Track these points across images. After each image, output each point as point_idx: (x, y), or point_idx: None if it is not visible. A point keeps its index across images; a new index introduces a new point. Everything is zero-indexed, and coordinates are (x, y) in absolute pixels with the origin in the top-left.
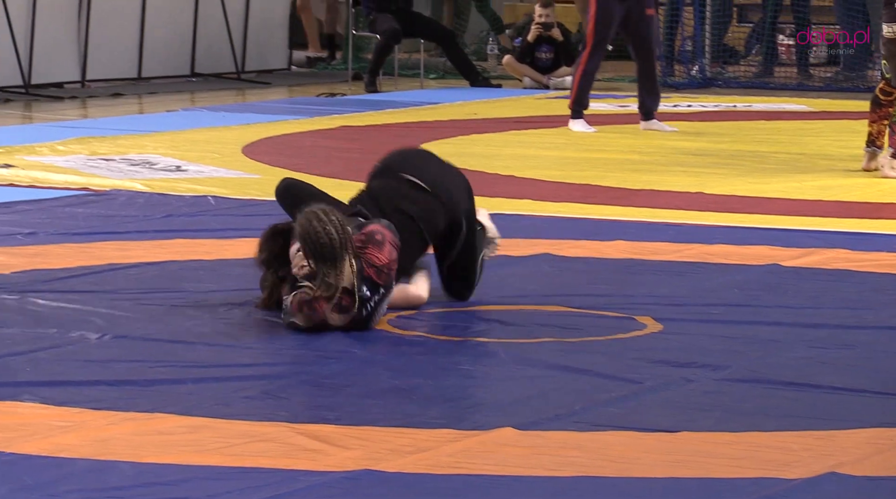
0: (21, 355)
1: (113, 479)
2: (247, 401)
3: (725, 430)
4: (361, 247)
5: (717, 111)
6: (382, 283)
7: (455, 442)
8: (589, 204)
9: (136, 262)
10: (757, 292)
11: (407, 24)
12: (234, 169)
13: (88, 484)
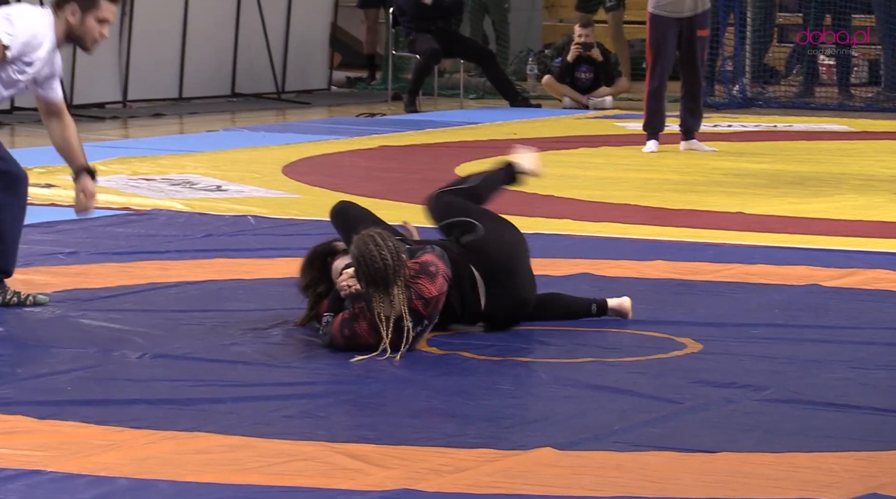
0: (62, 374)
1: (152, 498)
2: (286, 420)
3: (765, 450)
4: (414, 276)
5: (758, 131)
6: (427, 315)
7: (494, 462)
8: (628, 224)
9: (177, 281)
10: (797, 313)
11: (447, 44)
12: (273, 189)
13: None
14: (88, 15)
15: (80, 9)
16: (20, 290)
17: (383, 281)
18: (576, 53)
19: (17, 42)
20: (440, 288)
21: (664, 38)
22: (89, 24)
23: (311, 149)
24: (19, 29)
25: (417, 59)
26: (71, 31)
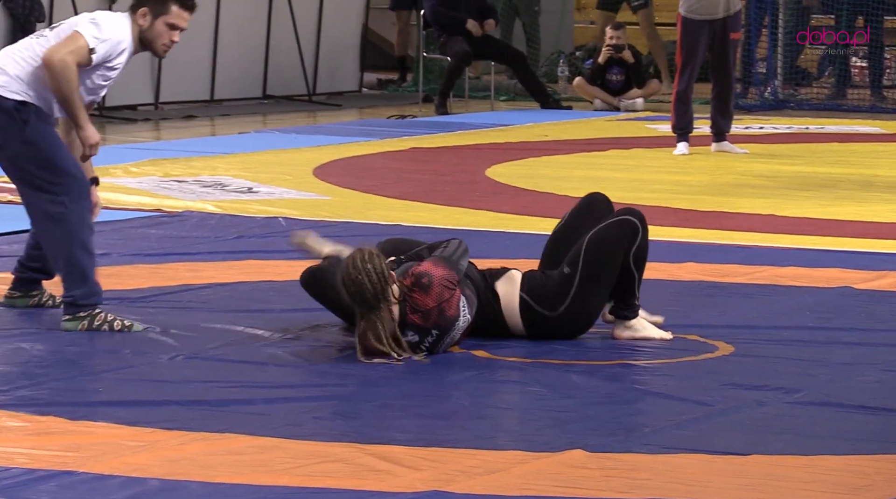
0: (94, 375)
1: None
2: (317, 422)
3: (797, 453)
4: (409, 290)
5: (789, 133)
6: (431, 325)
7: (525, 464)
8: (660, 226)
9: (208, 283)
10: (829, 315)
11: (478, 46)
12: (304, 191)
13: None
14: (158, 20)
15: (151, 13)
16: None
17: (373, 301)
18: (607, 55)
19: (104, 47)
20: (437, 297)
21: (696, 41)
22: (158, 29)
23: (341, 151)
24: (106, 33)
25: (448, 61)
26: (142, 35)
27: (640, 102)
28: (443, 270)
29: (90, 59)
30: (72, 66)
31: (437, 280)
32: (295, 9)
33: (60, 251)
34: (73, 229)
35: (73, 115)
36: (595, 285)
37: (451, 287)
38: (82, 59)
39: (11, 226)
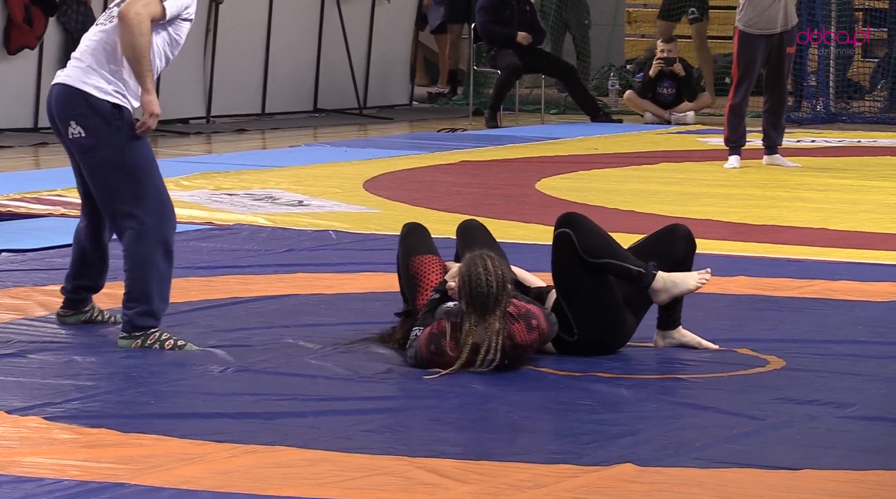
0: (145, 388)
1: None
2: (366, 434)
3: (849, 468)
4: (514, 317)
5: (842, 147)
6: (509, 357)
7: (575, 478)
8: (710, 239)
9: (259, 295)
10: (881, 329)
11: (528, 59)
12: (355, 204)
13: None
14: None
15: None
16: (108, 305)
17: (482, 306)
18: (658, 68)
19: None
20: (532, 342)
21: (753, 56)
22: None
23: (392, 164)
24: None
25: (499, 75)
26: None
27: (690, 116)
28: (547, 327)
29: (163, 10)
30: (146, 21)
31: (541, 329)
32: (346, 22)
33: (127, 265)
34: (147, 248)
35: (141, 76)
36: (584, 302)
37: (543, 342)
38: (156, 12)
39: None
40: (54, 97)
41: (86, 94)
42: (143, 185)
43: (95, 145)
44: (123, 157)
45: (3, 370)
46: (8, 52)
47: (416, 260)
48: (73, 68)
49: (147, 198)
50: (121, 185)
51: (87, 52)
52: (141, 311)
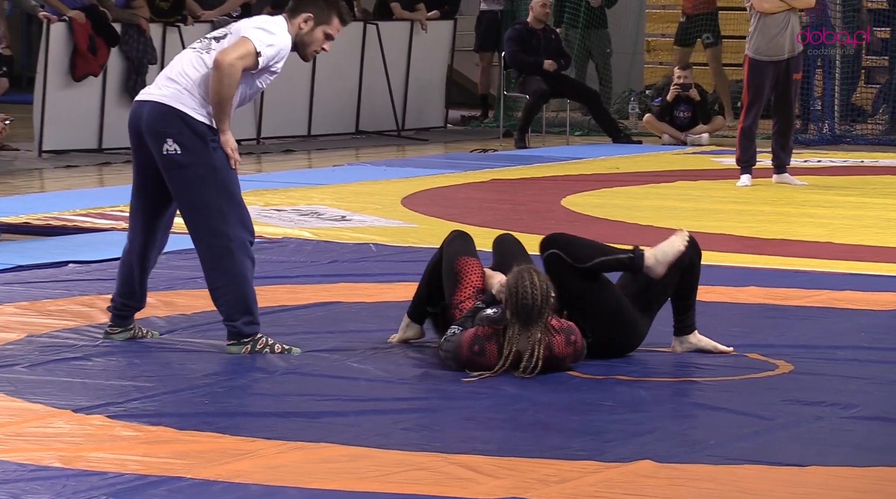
0: (201, 389)
1: None
2: (404, 433)
3: (853, 464)
4: (555, 330)
5: (846, 166)
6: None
7: (597, 473)
8: (723, 252)
9: (305, 303)
10: (882, 336)
11: (554, 85)
12: (393, 219)
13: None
14: (319, 28)
15: (314, 20)
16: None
17: (526, 317)
18: (675, 93)
19: (270, 51)
20: (567, 355)
21: (762, 81)
22: (317, 36)
23: (428, 182)
24: (273, 39)
25: (527, 99)
26: (298, 38)
27: (705, 137)
28: (581, 344)
29: (256, 63)
30: (238, 72)
31: (578, 346)
32: (386, 51)
33: (222, 281)
34: (237, 263)
35: (220, 119)
36: (592, 308)
37: (577, 358)
38: (249, 63)
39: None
40: (146, 113)
41: (183, 114)
42: (230, 202)
43: (191, 163)
44: (215, 175)
45: (70, 372)
46: (74, 79)
47: (461, 260)
48: (167, 88)
49: (233, 214)
50: (210, 201)
51: (182, 75)
52: (246, 321)
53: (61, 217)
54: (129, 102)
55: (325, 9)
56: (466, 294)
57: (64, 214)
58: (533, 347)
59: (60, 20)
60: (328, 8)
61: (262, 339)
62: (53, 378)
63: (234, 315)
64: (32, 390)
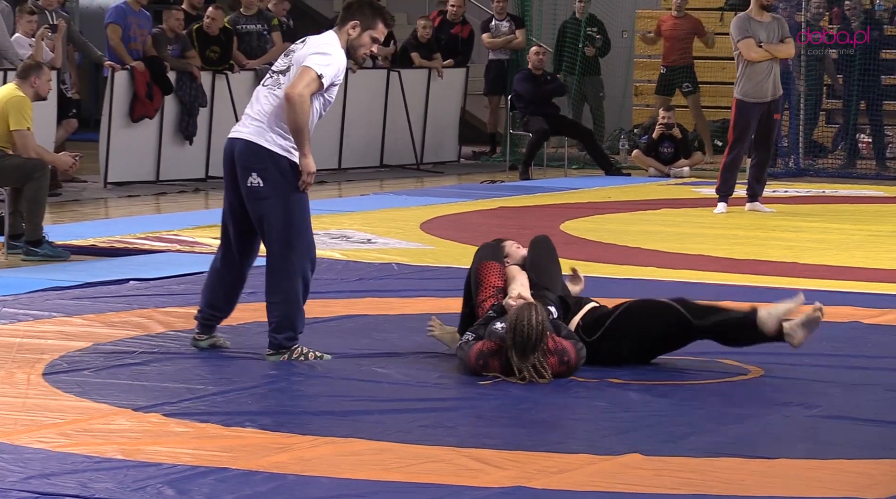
0: (244, 391)
1: (315, 491)
2: (422, 429)
3: (816, 457)
4: (551, 351)
5: (809, 196)
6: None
7: (592, 465)
8: (702, 271)
9: (336, 315)
10: (842, 345)
11: (554, 124)
12: (413, 241)
13: (296, 494)
14: (366, 32)
15: (361, 26)
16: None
17: (523, 349)
18: (660, 132)
19: (331, 70)
20: (560, 372)
21: (748, 121)
22: (364, 40)
23: (443, 209)
24: (329, 59)
25: (530, 137)
26: (349, 44)
27: (686, 170)
28: (576, 358)
29: (321, 85)
30: (307, 101)
31: (569, 366)
32: (406, 94)
33: (277, 299)
34: (293, 288)
35: (301, 144)
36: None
37: (569, 373)
38: (315, 88)
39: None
40: (238, 149)
41: (270, 151)
42: (300, 231)
43: (271, 194)
44: (290, 205)
45: (130, 376)
46: (132, 121)
47: (483, 264)
48: (252, 126)
49: (300, 242)
50: (281, 231)
51: (262, 113)
52: (288, 336)
53: (123, 240)
54: (181, 140)
55: (371, 15)
56: (487, 294)
57: (125, 237)
58: (529, 369)
59: (123, 69)
60: (373, 14)
61: (297, 349)
62: (116, 381)
63: (279, 329)
64: (98, 391)
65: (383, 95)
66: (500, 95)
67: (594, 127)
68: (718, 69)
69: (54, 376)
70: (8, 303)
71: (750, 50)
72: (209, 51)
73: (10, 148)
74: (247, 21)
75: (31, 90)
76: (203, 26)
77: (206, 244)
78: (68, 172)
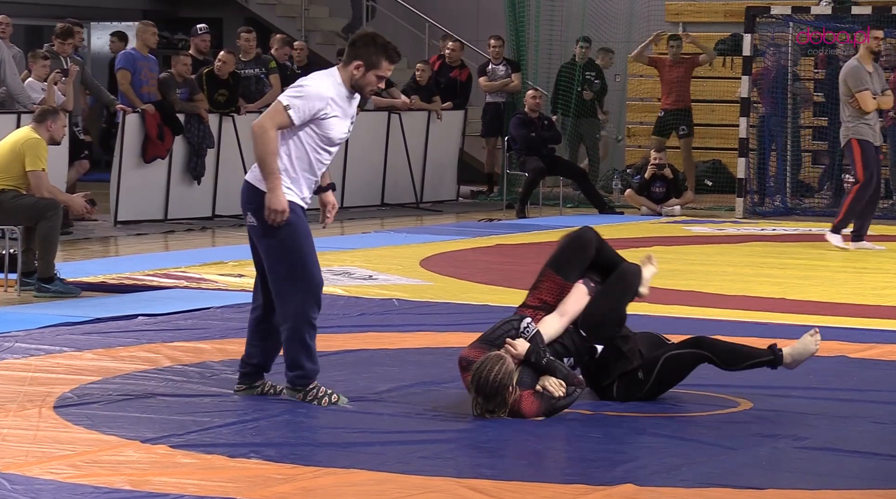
0: (249, 423)
1: None
2: (422, 460)
3: (804, 488)
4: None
5: (797, 234)
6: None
7: (587, 495)
8: (692, 306)
9: (338, 350)
10: (829, 378)
11: (549, 164)
12: (413, 277)
13: None
14: (371, 72)
15: (364, 66)
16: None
17: (485, 396)
18: (652, 172)
19: (300, 102)
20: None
21: (875, 160)
22: (369, 79)
23: (442, 246)
24: (301, 90)
25: (526, 177)
26: (354, 82)
27: (677, 209)
28: (534, 410)
29: (288, 117)
30: (269, 132)
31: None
32: (406, 135)
33: (283, 338)
34: (297, 326)
35: (265, 177)
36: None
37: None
38: (279, 120)
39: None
40: (241, 192)
41: (258, 190)
42: (299, 270)
43: (265, 233)
44: (285, 244)
45: (138, 408)
46: (144, 161)
47: (547, 273)
48: (254, 168)
49: (301, 281)
50: (282, 268)
51: None
52: (297, 375)
53: (132, 277)
54: (190, 180)
55: (374, 53)
56: (530, 300)
57: (135, 274)
58: (488, 412)
59: (134, 112)
60: (377, 52)
61: (312, 390)
62: (124, 414)
63: (289, 367)
64: (107, 423)
65: (384, 137)
66: (496, 137)
67: (591, 166)
68: (708, 111)
69: (65, 409)
70: (20, 338)
71: (867, 101)
72: (218, 94)
73: (25, 188)
74: (245, 66)
75: (47, 134)
76: (214, 69)
77: (213, 280)
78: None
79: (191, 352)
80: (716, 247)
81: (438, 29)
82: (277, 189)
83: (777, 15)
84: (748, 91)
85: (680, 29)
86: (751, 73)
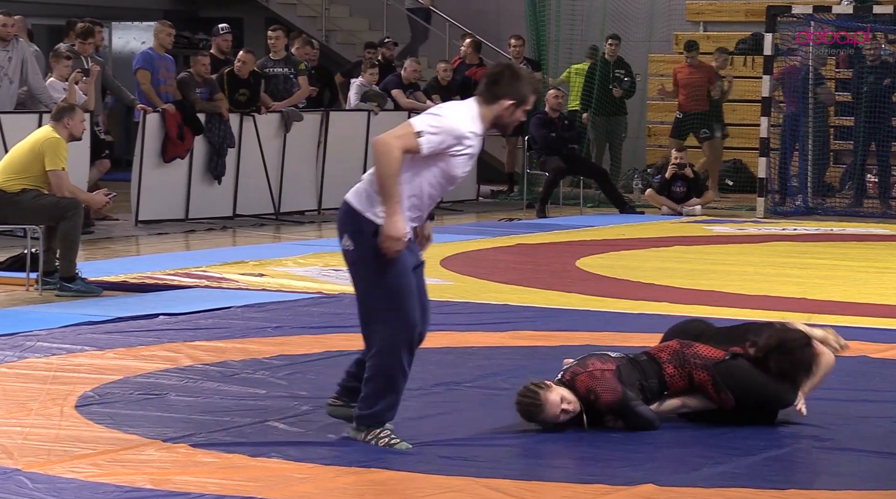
0: (269, 422)
1: None
2: (443, 460)
3: (826, 488)
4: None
5: (818, 234)
6: None
7: (607, 495)
8: (713, 306)
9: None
10: (849, 379)
11: (570, 164)
12: (433, 277)
13: None
14: (520, 108)
15: (516, 104)
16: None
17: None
18: (672, 172)
19: (436, 136)
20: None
21: None
22: (518, 115)
23: (463, 246)
24: (439, 121)
25: (547, 176)
26: (500, 119)
27: (698, 209)
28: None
29: (417, 145)
30: (394, 151)
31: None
32: None
33: (368, 375)
34: (384, 363)
35: (384, 201)
36: None
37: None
38: (409, 144)
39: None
40: (339, 211)
41: (357, 212)
42: (392, 303)
43: (359, 259)
44: (380, 273)
45: (159, 407)
46: (164, 161)
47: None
48: (357, 187)
49: (395, 320)
50: (373, 297)
51: (368, 172)
52: (367, 414)
53: (153, 276)
54: (210, 180)
55: (522, 90)
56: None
57: (156, 273)
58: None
59: (155, 112)
60: (524, 88)
61: (375, 431)
62: (146, 413)
63: (361, 404)
64: (128, 422)
65: None
66: (517, 137)
67: (612, 166)
68: (729, 111)
69: (86, 408)
70: (42, 337)
71: None
72: (238, 93)
73: (46, 187)
74: (274, 65)
75: (66, 131)
76: (234, 69)
77: (234, 280)
78: (102, 210)
79: (212, 351)
80: (736, 247)
81: (459, 29)
82: (396, 214)
83: (798, 14)
84: (769, 90)
85: (701, 28)
86: (772, 73)
